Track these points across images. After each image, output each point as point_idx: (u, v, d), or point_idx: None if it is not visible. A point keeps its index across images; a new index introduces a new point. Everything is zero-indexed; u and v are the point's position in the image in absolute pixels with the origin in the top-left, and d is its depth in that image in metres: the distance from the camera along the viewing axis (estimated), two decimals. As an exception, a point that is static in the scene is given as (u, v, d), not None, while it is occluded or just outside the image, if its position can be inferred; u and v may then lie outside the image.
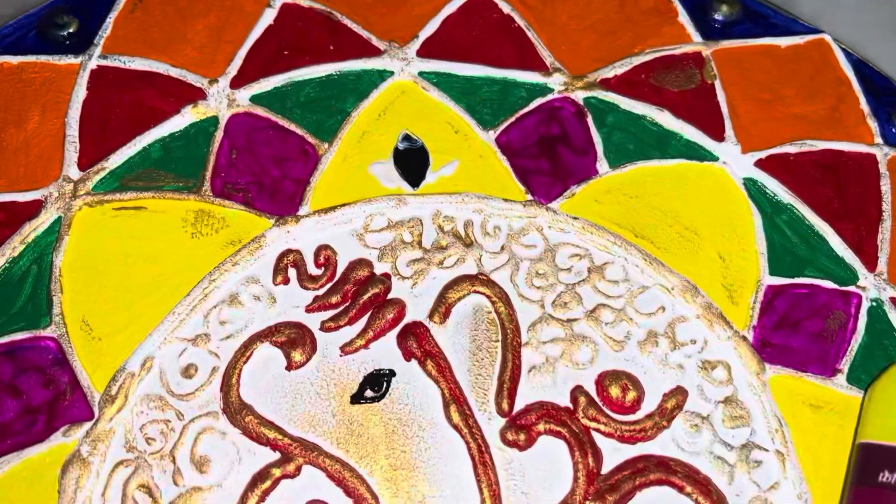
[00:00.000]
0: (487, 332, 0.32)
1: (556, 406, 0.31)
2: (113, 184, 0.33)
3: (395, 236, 0.33)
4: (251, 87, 0.35)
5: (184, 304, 0.31)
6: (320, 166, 0.34)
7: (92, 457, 0.29)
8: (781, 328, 0.32)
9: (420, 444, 0.30)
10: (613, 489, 0.29)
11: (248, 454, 0.29)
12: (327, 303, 0.32)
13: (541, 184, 0.34)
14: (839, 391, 0.31)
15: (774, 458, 0.30)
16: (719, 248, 0.34)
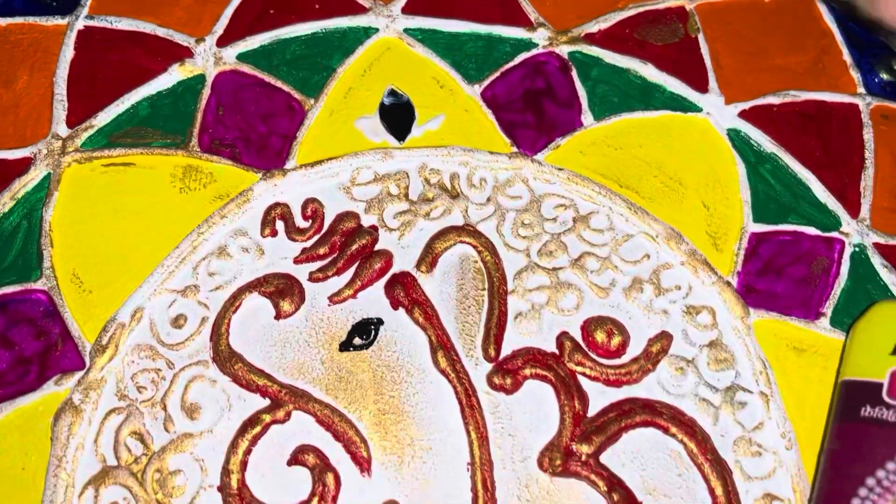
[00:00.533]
0: (474, 281, 0.32)
1: (543, 351, 0.31)
2: (101, 141, 0.34)
3: (381, 189, 0.33)
4: (237, 46, 0.36)
5: (173, 256, 0.32)
6: (306, 122, 0.34)
7: (84, 405, 0.29)
8: (766, 274, 0.33)
9: (408, 390, 0.30)
10: (599, 431, 0.30)
11: (238, 401, 0.30)
12: (315, 254, 0.32)
13: (526, 136, 0.35)
14: (822, 334, 0.32)
15: (758, 400, 0.31)
16: (703, 197, 0.34)
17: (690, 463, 0.29)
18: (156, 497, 0.28)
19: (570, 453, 0.29)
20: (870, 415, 0.27)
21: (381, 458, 0.29)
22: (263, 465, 0.29)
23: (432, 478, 0.29)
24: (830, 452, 0.28)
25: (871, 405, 0.28)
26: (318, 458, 0.29)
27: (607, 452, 0.29)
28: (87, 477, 0.28)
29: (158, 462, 0.29)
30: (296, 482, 0.29)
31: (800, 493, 0.29)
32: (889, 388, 0.28)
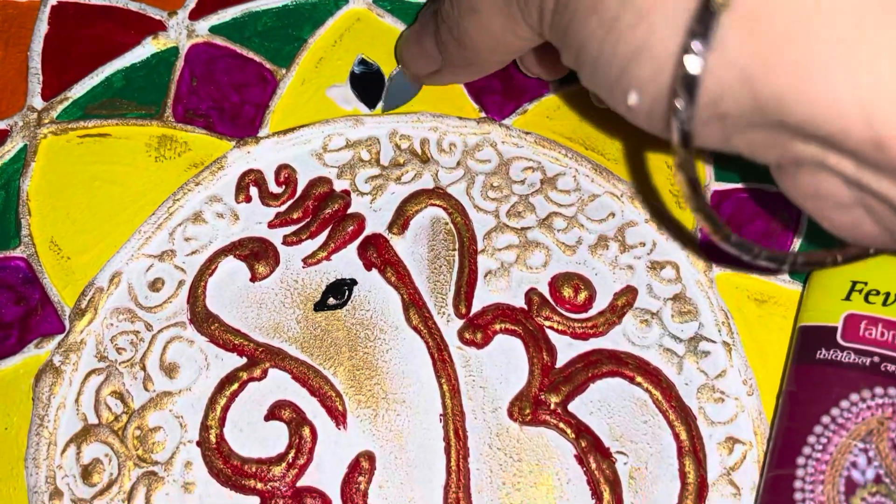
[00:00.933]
0: (445, 242, 0.33)
1: (512, 307, 0.32)
2: (76, 113, 0.34)
3: (353, 155, 0.34)
4: (210, 19, 0.36)
5: (149, 222, 0.32)
6: (279, 91, 0.35)
7: (64, 366, 0.30)
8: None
9: (381, 346, 0.31)
10: (567, 381, 0.31)
11: (216, 360, 0.31)
12: (289, 218, 0.33)
13: (494, 102, 0.36)
14: (782, 286, 0.33)
15: (721, 349, 0.32)
16: (667, 157, 0.35)
17: (656, 410, 0.31)
18: (136, 453, 0.29)
19: (539, 403, 0.30)
20: (825, 357, 0.29)
21: (356, 411, 0.30)
22: (241, 420, 0.30)
23: (406, 429, 0.30)
24: (788, 394, 0.29)
25: (825, 348, 0.29)
26: (294, 413, 0.30)
27: (575, 402, 0.30)
28: (68, 435, 0.29)
29: (139, 419, 0.29)
30: (273, 436, 0.30)
31: (761, 435, 0.30)
32: (843, 331, 0.29)
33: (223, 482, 0.29)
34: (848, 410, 0.27)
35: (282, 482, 0.29)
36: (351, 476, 0.29)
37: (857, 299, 0.29)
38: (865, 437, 0.27)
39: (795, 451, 0.28)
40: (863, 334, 0.28)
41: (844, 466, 0.27)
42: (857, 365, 0.28)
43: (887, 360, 0.28)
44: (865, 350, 0.28)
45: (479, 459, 0.30)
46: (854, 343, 0.28)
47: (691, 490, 0.29)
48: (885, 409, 0.27)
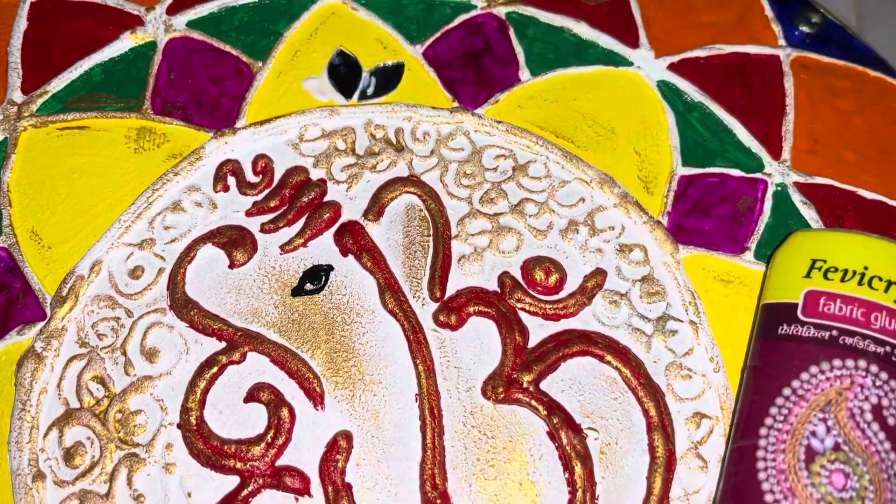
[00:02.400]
0: (419, 228, 0.34)
1: (485, 290, 0.33)
2: (56, 106, 0.35)
3: (329, 144, 0.35)
4: (187, 13, 0.37)
5: (129, 212, 0.33)
6: (255, 83, 0.36)
7: (46, 352, 0.30)
8: (694, 213, 0.35)
9: (358, 329, 0.32)
10: (539, 360, 0.31)
11: (196, 345, 0.31)
12: (266, 206, 0.34)
13: (467, 92, 0.37)
14: (747, 266, 0.34)
15: (688, 328, 0.33)
16: (635, 144, 0.36)
17: (625, 387, 0.31)
18: (118, 435, 0.30)
19: (512, 382, 0.31)
20: (786, 332, 0.30)
21: (334, 392, 0.31)
22: (221, 402, 0.30)
23: (383, 409, 0.31)
24: (752, 369, 0.30)
25: (787, 323, 0.30)
26: (273, 395, 0.30)
27: (547, 380, 0.31)
28: (51, 419, 0.30)
29: (120, 403, 0.30)
30: (252, 417, 0.30)
31: (727, 410, 0.31)
32: (803, 307, 0.30)
33: (203, 462, 0.29)
34: (808, 382, 0.28)
35: (261, 461, 0.29)
36: (329, 455, 0.30)
37: (817, 276, 0.30)
38: (824, 407, 0.28)
39: (758, 423, 0.28)
40: (822, 309, 0.29)
41: (804, 436, 0.28)
42: (817, 339, 0.29)
43: (845, 334, 0.29)
44: (825, 324, 0.29)
45: (454, 437, 0.30)
46: (814, 318, 0.29)
47: (660, 464, 0.30)
48: (843, 380, 0.28)
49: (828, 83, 0.38)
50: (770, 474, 0.27)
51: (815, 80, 0.38)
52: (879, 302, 0.29)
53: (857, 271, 0.29)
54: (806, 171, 0.36)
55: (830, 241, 0.31)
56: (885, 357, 0.28)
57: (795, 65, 0.38)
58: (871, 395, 0.28)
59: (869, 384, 0.28)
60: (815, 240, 0.31)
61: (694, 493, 0.30)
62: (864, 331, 0.28)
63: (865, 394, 0.28)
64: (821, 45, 0.39)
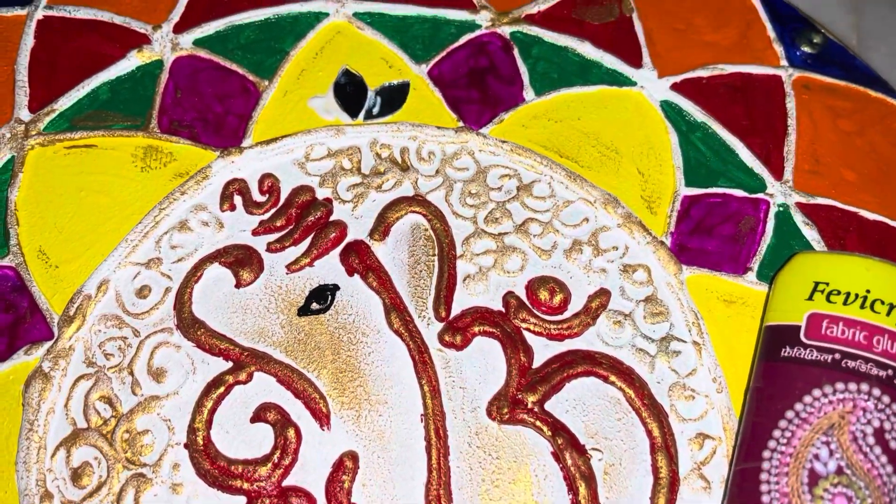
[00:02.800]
0: (425, 248, 0.34)
1: (490, 310, 0.33)
2: (63, 124, 0.35)
3: (335, 164, 0.35)
4: (193, 32, 0.37)
5: (136, 231, 0.33)
6: (261, 102, 0.36)
7: (53, 371, 0.31)
8: (697, 233, 0.35)
9: (364, 349, 0.32)
10: (544, 380, 0.32)
11: (202, 364, 0.31)
12: (272, 226, 0.34)
13: (471, 111, 0.37)
14: (750, 287, 0.34)
15: (692, 349, 0.33)
16: (638, 164, 0.36)
17: (629, 408, 0.32)
18: (125, 455, 0.30)
19: (517, 402, 0.31)
20: (789, 354, 0.30)
21: (340, 412, 0.31)
22: (228, 422, 0.31)
23: (388, 429, 0.31)
24: (755, 391, 0.30)
25: (790, 346, 0.30)
26: (279, 415, 0.31)
27: (551, 401, 0.32)
28: (58, 439, 0.30)
29: (127, 423, 0.30)
30: (259, 438, 0.30)
31: (730, 431, 0.31)
32: (806, 330, 0.30)
33: (210, 483, 0.30)
34: (811, 405, 0.29)
35: (268, 482, 0.30)
36: (335, 475, 0.30)
37: (820, 299, 0.30)
38: (827, 430, 0.28)
39: (761, 445, 0.29)
40: (825, 332, 0.29)
41: (808, 459, 0.28)
42: (820, 362, 0.29)
43: (848, 357, 0.29)
44: (827, 347, 0.29)
45: (460, 457, 0.30)
46: (817, 341, 0.29)
47: (663, 484, 0.30)
48: (845, 403, 0.28)
49: (829, 103, 0.38)
50: (774, 497, 0.28)
51: (816, 100, 0.38)
52: (881, 325, 0.29)
53: (860, 294, 0.30)
54: (808, 191, 0.36)
55: (833, 263, 0.31)
56: (887, 381, 0.28)
57: (797, 85, 0.38)
58: (874, 419, 0.28)
59: (871, 408, 0.28)
60: (817, 262, 0.31)
61: (697, 513, 0.30)
62: (866, 354, 0.29)
63: (868, 417, 0.28)
64: (822, 65, 0.39)
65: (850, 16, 0.44)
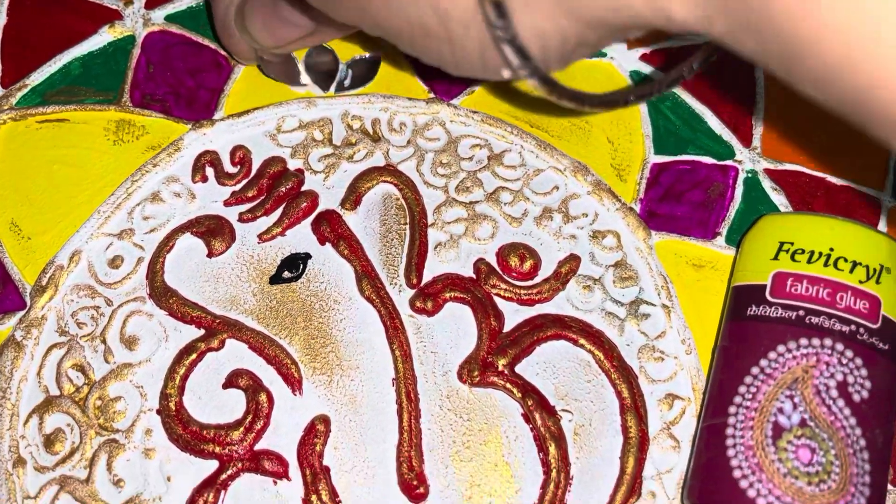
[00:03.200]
0: (396, 217, 0.34)
1: (461, 276, 0.33)
2: (35, 99, 0.35)
3: (306, 135, 0.35)
4: (165, 8, 0.37)
5: (108, 203, 0.33)
6: (233, 76, 0.36)
7: (26, 340, 0.31)
8: (666, 200, 0.35)
9: (336, 316, 0.32)
10: (514, 343, 0.32)
11: (175, 332, 0.32)
12: (244, 196, 0.34)
13: (442, 83, 0.37)
14: (718, 251, 0.34)
15: (661, 311, 0.33)
16: (608, 133, 0.37)
17: (599, 370, 0.32)
18: (98, 422, 0.30)
19: (488, 365, 0.32)
20: (755, 313, 0.30)
21: (312, 378, 0.31)
22: (200, 388, 0.31)
23: (360, 393, 0.31)
24: (721, 349, 0.31)
25: (755, 305, 0.30)
26: (251, 381, 0.31)
27: (522, 364, 0.32)
28: (31, 406, 0.30)
29: (99, 390, 0.30)
30: (231, 403, 0.31)
31: (698, 391, 0.32)
32: (771, 289, 0.30)
33: (183, 447, 0.30)
34: (775, 361, 0.29)
35: (240, 446, 0.30)
36: (307, 438, 0.30)
37: (785, 258, 0.31)
38: (791, 384, 0.28)
39: (727, 402, 0.29)
40: (789, 290, 0.30)
41: (772, 413, 0.28)
42: (785, 319, 0.29)
43: (812, 314, 0.29)
44: (792, 305, 0.30)
45: (431, 420, 0.31)
46: (781, 299, 0.30)
47: (633, 444, 0.31)
48: (809, 358, 0.29)
49: (797, 72, 0.39)
50: (738, 451, 0.28)
51: (784, 69, 0.39)
52: (845, 282, 0.30)
53: (824, 253, 0.30)
54: (776, 157, 0.36)
55: (798, 223, 0.31)
56: (850, 335, 0.29)
57: (765, 55, 0.39)
58: (837, 373, 0.28)
59: (835, 362, 0.28)
60: (782, 223, 0.32)
61: (666, 472, 0.31)
62: (829, 310, 0.29)
63: (831, 371, 0.28)
64: (790, 35, 0.39)
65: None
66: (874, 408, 0.28)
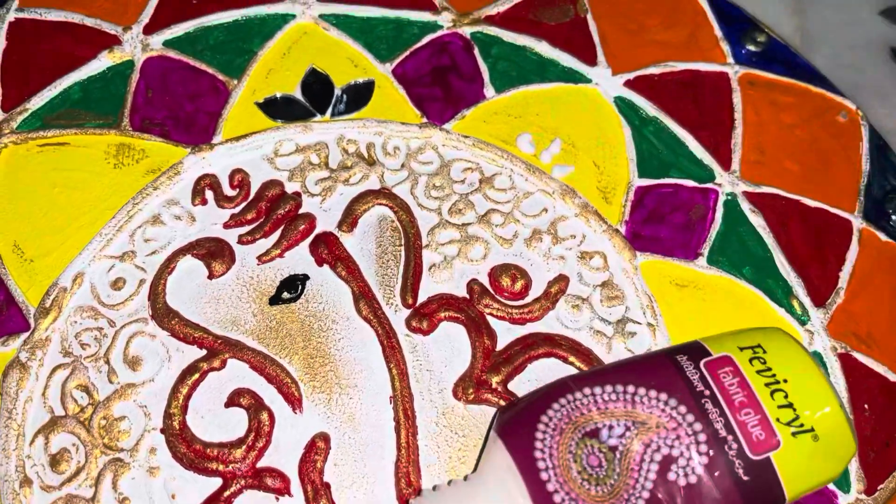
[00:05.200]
0: (391, 238, 0.35)
1: (455, 296, 0.34)
2: (36, 123, 0.36)
3: (303, 159, 0.36)
4: (163, 33, 0.38)
5: (110, 226, 0.34)
6: (231, 100, 0.37)
7: (30, 362, 0.31)
8: (650, 221, 0.37)
9: (334, 336, 0.33)
10: (507, 362, 0.33)
11: (177, 352, 0.32)
12: (243, 219, 0.35)
13: (434, 108, 0.38)
14: (700, 271, 0.36)
15: (646, 330, 0.35)
16: (594, 157, 0.38)
17: (588, 387, 0.33)
18: (102, 441, 0.31)
19: (482, 383, 0.33)
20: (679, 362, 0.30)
21: (311, 396, 0.32)
22: (203, 407, 0.32)
23: (358, 411, 0.32)
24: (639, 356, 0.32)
25: (687, 358, 0.30)
26: (252, 399, 0.32)
27: (514, 381, 0.33)
28: (36, 426, 0.31)
29: (104, 410, 0.31)
30: (234, 421, 0.31)
31: (682, 406, 0.33)
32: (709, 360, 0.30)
33: (186, 465, 0.31)
34: (650, 398, 0.28)
35: (242, 463, 0.31)
36: (307, 456, 0.31)
37: (745, 355, 0.30)
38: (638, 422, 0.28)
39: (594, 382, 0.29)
40: (719, 372, 0.29)
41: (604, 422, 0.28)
42: (690, 383, 0.29)
43: (711, 401, 0.28)
44: (707, 382, 0.29)
45: (428, 436, 0.32)
46: (707, 371, 0.29)
47: (621, 458, 0.32)
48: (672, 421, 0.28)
49: (773, 98, 0.40)
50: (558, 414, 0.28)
51: (761, 95, 0.40)
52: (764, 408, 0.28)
53: (778, 377, 0.29)
54: (754, 180, 0.38)
55: (789, 352, 0.30)
56: (720, 441, 0.28)
57: (743, 81, 0.41)
58: (676, 448, 0.28)
59: (684, 441, 0.28)
60: (780, 342, 0.31)
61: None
62: (727, 412, 0.28)
63: (673, 443, 0.28)
64: (766, 62, 0.41)
65: (794, 18, 0.46)
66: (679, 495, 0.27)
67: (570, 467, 0.28)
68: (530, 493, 0.27)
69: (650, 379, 0.29)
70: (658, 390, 0.29)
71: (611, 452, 0.28)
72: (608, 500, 0.27)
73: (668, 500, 0.27)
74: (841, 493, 0.32)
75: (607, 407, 0.29)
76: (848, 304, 0.36)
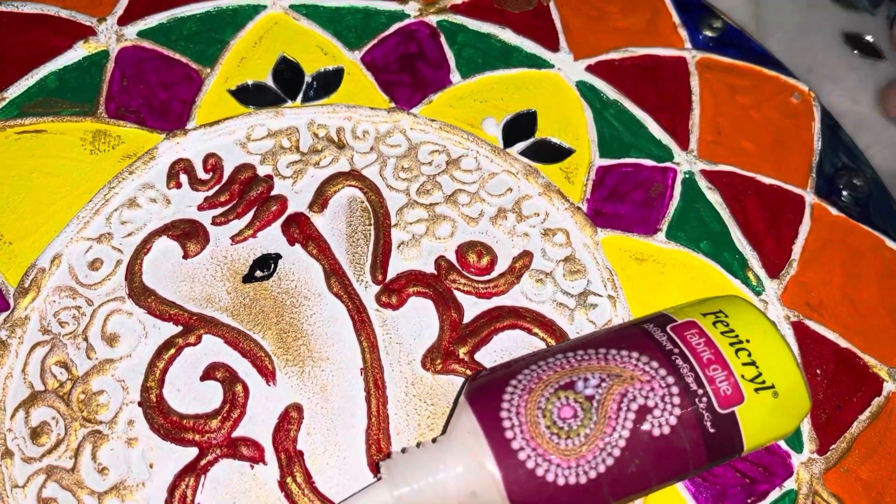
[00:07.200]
0: (361, 218, 0.37)
1: (423, 273, 0.36)
2: (13, 111, 0.37)
3: (274, 143, 0.38)
4: (137, 24, 0.39)
5: (87, 209, 0.35)
6: (204, 88, 0.38)
7: (10, 339, 0.32)
8: (611, 199, 0.38)
9: (306, 311, 0.34)
10: (473, 334, 0.34)
11: (154, 329, 0.33)
12: (216, 201, 0.36)
13: (402, 94, 0.40)
14: (659, 245, 0.37)
15: (607, 302, 0.36)
16: (557, 138, 0.39)
17: (552, 356, 0.35)
18: (81, 414, 0.32)
19: (449, 354, 0.34)
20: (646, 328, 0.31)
21: (285, 369, 0.33)
22: (179, 381, 0.33)
23: (330, 383, 0.33)
24: (610, 329, 0.33)
25: (655, 325, 0.31)
26: (227, 373, 0.33)
27: (481, 352, 0.34)
28: (17, 401, 0.32)
29: (83, 385, 0.32)
30: (209, 394, 0.32)
31: (642, 373, 0.35)
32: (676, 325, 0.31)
33: (164, 436, 0.32)
34: (622, 356, 0.30)
35: (218, 433, 0.32)
36: (281, 425, 0.32)
37: (708, 319, 0.31)
38: (613, 374, 0.29)
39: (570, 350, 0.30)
40: (685, 334, 0.31)
41: (580, 375, 0.29)
42: (660, 344, 0.30)
43: (681, 357, 0.30)
44: (676, 342, 0.30)
45: (397, 406, 0.33)
46: (674, 334, 0.31)
47: (584, 423, 0.33)
48: (646, 374, 0.29)
49: (729, 81, 0.42)
50: (528, 375, 0.29)
51: (717, 78, 0.42)
52: (731, 365, 0.30)
53: (741, 338, 0.30)
54: (711, 159, 0.40)
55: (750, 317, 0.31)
56: (691, 394, 0.29)
57: (700, 65, 0.42)
58: (651, 399, 0.29)
59: (658, 393, 0.29)
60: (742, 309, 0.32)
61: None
62: (697, 368, 0.29)
63: (649, 395, 0.29)
64: (722, 47, 0.43)
65: (749, 5, 0.48)
66: (650, 445, 0.28)
67: (537, 422, 0.28)
68: (493, 452, 0.28)
69: (620, 342, 0.30)
70: (629, 350, 0.30)
71: (587, 402, 0.29)
72: (581, 449, 0.28)
73: (639, 446, 0.28)
74: (794, 453, 0.34)
75: (580, 364, 0.30)
76: (800, 274, 0.37)
